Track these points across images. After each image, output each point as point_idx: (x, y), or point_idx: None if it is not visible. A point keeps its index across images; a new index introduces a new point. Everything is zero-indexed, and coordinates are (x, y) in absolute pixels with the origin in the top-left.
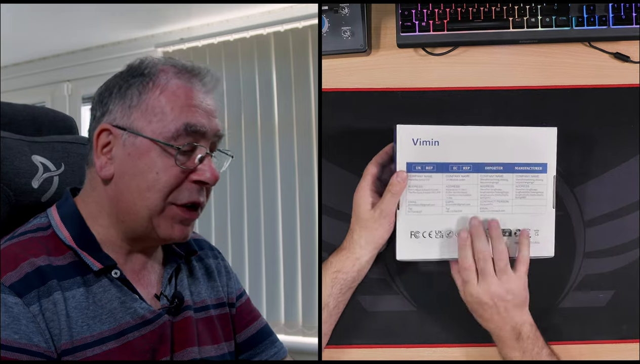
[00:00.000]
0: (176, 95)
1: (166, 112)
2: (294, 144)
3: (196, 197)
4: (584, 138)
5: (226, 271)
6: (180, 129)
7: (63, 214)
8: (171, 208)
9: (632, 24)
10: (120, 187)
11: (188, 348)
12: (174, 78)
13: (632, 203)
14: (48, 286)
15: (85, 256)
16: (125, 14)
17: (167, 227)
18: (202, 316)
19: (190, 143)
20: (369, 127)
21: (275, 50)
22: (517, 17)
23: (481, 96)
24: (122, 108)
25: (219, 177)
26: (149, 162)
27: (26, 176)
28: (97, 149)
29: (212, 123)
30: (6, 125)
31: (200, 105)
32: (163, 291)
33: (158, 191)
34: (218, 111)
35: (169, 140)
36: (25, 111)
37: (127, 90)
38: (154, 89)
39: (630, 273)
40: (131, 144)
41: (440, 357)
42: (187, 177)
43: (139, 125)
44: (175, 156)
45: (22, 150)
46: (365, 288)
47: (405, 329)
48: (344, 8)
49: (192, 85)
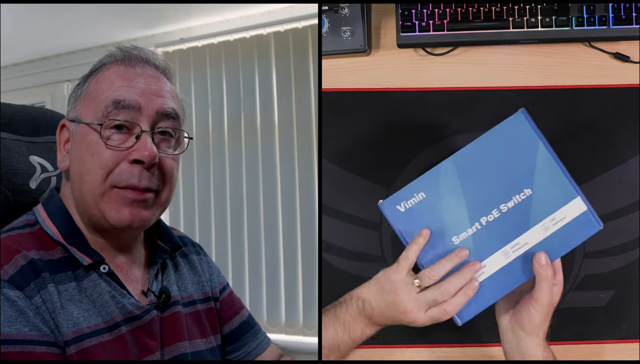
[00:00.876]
0: (111, 78)
1: (99, 94)
2: (294, 144)
3: (135, 181)
4: (584, 138)
5: (209, 266)
6: (109, 106)
7: (50, 211)
8: (113, 191)
9: (632, 24)
10: (72, 177)
11: (178, 343)
12: (113, 65)
13: (632, 203)
14: (42, 278)
15: (74, 251)
16: (125, 14)
17: (113, 211)
18: (190, 311)
19: (116, 119)
20: (369, 127)
21: (275, 50)
22: (517, 17)
23: (481, 96)
24: (72, 102)
25: (155, 155)
26: (85, 145)
27: (24, 176)
28: (59, 145)
29: (152, 101)
30: (4, 126)
31: (137, 84)
32: (150, 287)
33: (94, 173)
34: (166, 93)
35: (101, 120)
36: (23, 111)
37: (77, 86)
38: (94, 77)
39: (630, 273)
40: (76, 133)
41: (440, 357)
42: (125, 158)
43: (81, 114)
44: (99, 132)
45: (20, 151)
46: None
47: (405, 330)
48: (344, 8)
49: (131, 68)
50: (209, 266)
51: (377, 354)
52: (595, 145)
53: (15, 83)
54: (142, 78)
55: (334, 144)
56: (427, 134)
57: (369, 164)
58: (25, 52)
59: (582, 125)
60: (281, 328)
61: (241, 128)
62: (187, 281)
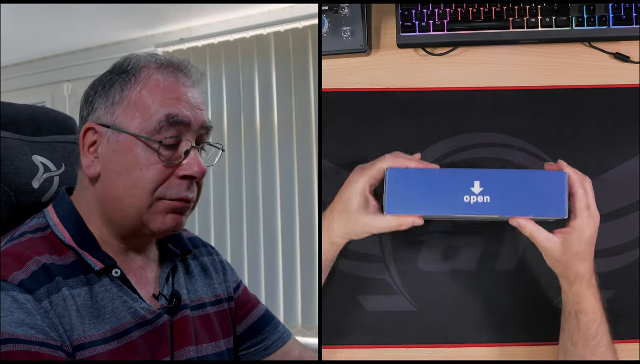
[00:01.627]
0: (157, 89)
1: (148, 106)
2: (294, 144)
3: (185, 194)
4: (584, 138)
5: (222, 266)
6: (162, 121)
7: (61, 214)
8: (159, 203)
9: (632, 24)
10: (107, 185)
11: (186, 347)
12: (155, 72)
13: (632, 203)
14: (56, 282)
15: (86, 255)
16: (125, 14)
17: (158, 220)
18: (198, 314)
19: (172, 136)
20: (369, 127)
21: (275, 50)
22: (517, 17)
23: (481, 96)
24: (105, 106)
25: (205, 170)
26: (133, 158)
27: (26, 176)
28: (84, 148)
29: (197, 115)
30: (7, 125)
31: (183, 97)
32: (161, 290)
33: (143, 188)
34: (204, 104)
35: (151, 134)
36: (25, 111)
37: (110, 88)
38: (135, 85)
39: (630, 273)
40: (115, 141)
41: (440, 357)
42: (174, 172)
43: (122, 122)
44: (157, 150)
45: (22, 150)
46: (365, 288)
47: (405, 329)
48: (344, 8)
49: (174, 78)
50: (222, 266)
51: (377, 355)
52: (595, 145)
53: (15, 83)
54: (187, 90)
55: (334, 144)
56: (427, 134)
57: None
58: (25, 52)
59: (582, 125)
60: None
61: (241, 128)
62: (197, 284)
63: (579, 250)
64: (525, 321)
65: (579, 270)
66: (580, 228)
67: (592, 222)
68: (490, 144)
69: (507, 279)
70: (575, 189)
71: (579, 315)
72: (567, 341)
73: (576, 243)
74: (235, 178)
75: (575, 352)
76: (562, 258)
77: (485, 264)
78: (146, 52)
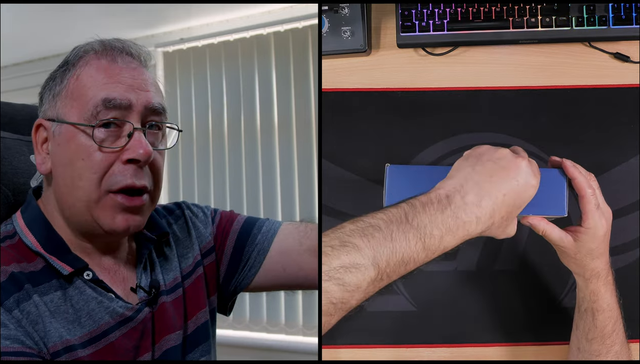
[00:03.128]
0: (94, 73)
1: (84, 93)
2: (294, 144)
3: (131, 180)
4: (584, 138)
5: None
6: (98, 105)
7: (27, 219)
8: (108, 197)
9: (632, 24)
10: (58, 181)
11: (165, 337)
12: (93, 58)
13: (632, 203)
14: (25, 290)
15: (53, 260)
16: (125, 14)
17: (108, 218)
18: (174, 298)
19: (112, 120)
20: (369, 127)
21: (275, 50)
22: (517, 17)
23: (481, 96)
24: (49, 99)
25: (150, 152)
26: (75, 147)
27: (24, 176)
28: (37, 146)
29: (140, 96)
30: (5, 125)
31: (122, 79)
32: (139, 283)
33: (87, 179)
34: (150, 85)
35: (89, 120)
36: (24, 111)
37: (52, 81)
38: (73, 73)
39: (630, 273)
40: (59, 134)
41: (440, 357)
42: (118, 158)
43: (63, 112)
44: (92, 134)
45: (20, 150)
46: None
47: (405, 329)
48: (344, 8)
49: (112, 61)
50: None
51: (377, 355)
52: (595, 145)
53: (15, 83)
54: (126, 72)
55: (334, 144)
56: (427, 134)
57: (369, 164)
58: (25, 52)
59: (582, 125)
60: (281, 328)
61: (241, 128)
62: (172, 263)
63: (593, 247)
64: (525, 321)
65: (595, 268)
66: (593, 227)
67: (604, 220)
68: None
69: (507, 279)
70: (584, 191)
71: (595, 313)
72: (582, 338)
73: (590, 242)
74: (235, 178)
75: (591, 349)
76: (577, 256)
77: (485, 264)
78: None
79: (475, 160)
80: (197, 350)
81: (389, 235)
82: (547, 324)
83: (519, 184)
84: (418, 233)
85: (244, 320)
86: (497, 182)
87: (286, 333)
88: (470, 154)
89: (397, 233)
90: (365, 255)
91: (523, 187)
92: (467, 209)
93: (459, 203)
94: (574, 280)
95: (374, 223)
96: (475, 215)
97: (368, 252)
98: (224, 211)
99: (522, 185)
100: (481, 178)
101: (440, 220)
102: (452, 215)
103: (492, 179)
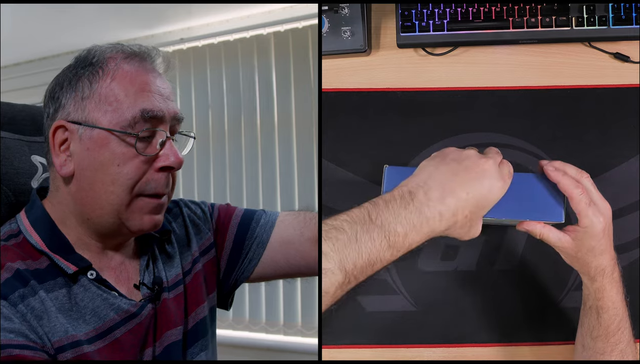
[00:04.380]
0: (128, 81)
1: (120, 100)
2: (294, 144)
3: (163, 189)
4: (584, 138)
5: (190, 221)
6: (137, 116)
7: (32, 218)
8: (139, 200)
9: (632, 24)
10: (83, 184)
11: (166, 332)
12: (123, 63)
13: (632, 203)
14: (31, 287)
15: (58, 259)
16: (125, 14)
17: (137, 219)
18: (175, 294)
19: (149, 129)
20: (369, 127)
21: (275, 50)
22: (517, 17)
23: (481, 96)
24: (74, 101)
25: (182, 160)
26: (109, 154)
27: (25, 176)
28: (55, 148)
29: (169, 106)
30: (6, 125)
31: (155, 88)
32: (142, 280)
33: (121, 184)
34: (173, 95)
35: (126, 128)
36: (24, 111)
37: (77, 82)
38: (104, 77)
39: (630, 273)
40: (88, 138)
41: (440, 357)
42: (151, 166)
43: (94, 117)
44: (134, 144)
45: (21, 150)
46: (365, 288)
47: (405, 329)
48: (344, 8)
49: (143, 68)
50: (191, 219)
51: (377, 355)
52: (595, 145)
53: (15, 83)
54: (157, 81)
55: (334, 144)
56: (427, 134)
57: (368, 164)
58: (25, 52)
59: (582, 125)
60: (280, 328)
61: (241, 128)
62: (174, 259)
63: (593, 245)
64: (526, 322)
65: (599, 265)
66: (589, 225)
67: (600, 217)
68: (490, 144)
69: (507, 279)
70: (571, 192)
71: (600, 311)
72: (587, 336)
73: (589, 240)
74: (235, 178)
75: (595, 347)
76: (578, 255)
77: (485, 264)
78: (109, 43)
79: (440, 160)
80: (196, 345)
81: (354, 237)
82: (547, 325)
83: (483, 185)
84: (382, 231)
85: (243, 320)
86: (460, 182)
87: (285, 334)
88: (437, 155)
89: (361, 234)
90: (331, 259)
91: (487, 188)
92: (430, 204)
93: (422, 199)
94: (574, 280)
95: (337, 226)
96: (438, 211)
97: (334, 256)
98: (221, 205)
99: (486, 186)
100: (445, 177)
101: (403, 216)
102: (415, 210)
103: (455, 178)
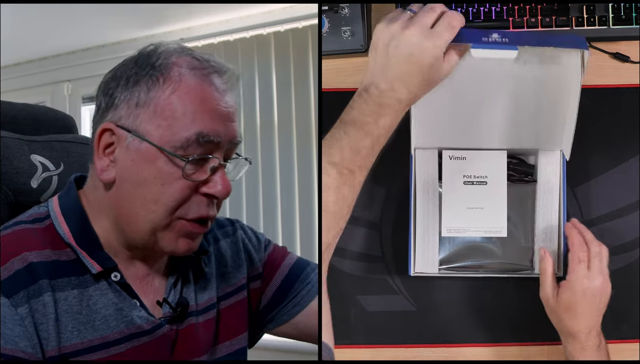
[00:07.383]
0: (189, 96)
1: (177, 117)
2: (294, 144)
3: (205, 212)
4: (583, 138)
5: (242, 245)
6: (191, 139)
7: (64, 207)
8: (179, 223)
9: (632, 24)
10: (122, 194)
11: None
12: (187, 74)
13: (632, 203)
14: (38, 286)
15: (84, 256)
16: (125, 13)
17: (171, 241)
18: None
19: (200, 155)
20: None
21: (275, 50)
22: (517, 17)
23: None
24: (128, 105)
25: (230, 190)
26: (154, 171)
27: (25, 175)
28: (99, 149)
29: (229, 129)
30: (5, 124)
31: (217, 108)
32: (166, 297)
33: (163, 205)
34: (236, 114)
35: (177, 149)
36: (24, 110)
37: (135, 85)
38: (164, 86)
39: (630, 273)
40: (135, 149)
41: (440, 357)
42: (197, 189)
43: (146, 129)
44: (183, 168)
45: (21, 150)
46: (365, 288)
47: (405, 329)
48: (344, 8)
49: (208, 83)
50: (243, 244)
51: (377, 354)
52: (595, 145)
53: (15, 83)
54: (221, 98)
55: None
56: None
57: None
58: (25, 52)
59: (582, 125)
60: None
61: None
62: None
63: (572, 303)
64: (526, 322)
65: (572, 328)
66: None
67: (586, 280)
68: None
69: (507, 279)
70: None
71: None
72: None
73: (568, 295)
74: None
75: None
76: (555, 307)
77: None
78: (177, 45)
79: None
80: None
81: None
82: (548, 325)
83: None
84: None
85: None
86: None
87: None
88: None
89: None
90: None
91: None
92: (384, 95)
93: (375, 93)
94: None
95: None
96: (394, 98)
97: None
98: (277, 245)
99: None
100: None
101: (367, 109)
102: (374, 103)
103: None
